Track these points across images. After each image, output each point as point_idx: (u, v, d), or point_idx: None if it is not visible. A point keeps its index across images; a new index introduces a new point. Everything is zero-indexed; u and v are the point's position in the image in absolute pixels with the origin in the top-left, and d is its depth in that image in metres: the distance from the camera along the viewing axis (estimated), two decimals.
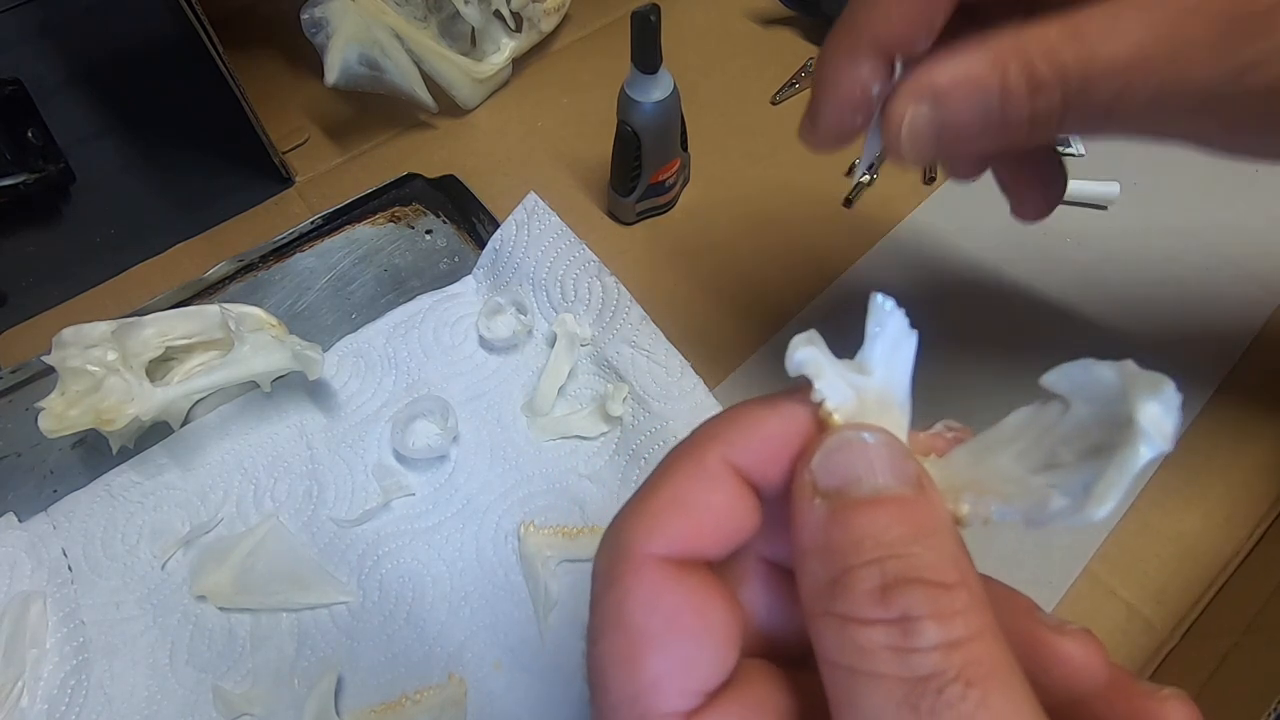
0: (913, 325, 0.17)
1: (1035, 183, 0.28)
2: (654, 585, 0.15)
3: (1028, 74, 0.20)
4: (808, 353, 0.17)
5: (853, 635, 0.14)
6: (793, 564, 0.16)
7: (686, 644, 0.15)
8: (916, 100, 0.21)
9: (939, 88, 0.21)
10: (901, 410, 0.17)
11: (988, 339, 0.39)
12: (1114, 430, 0.14)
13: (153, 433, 0.34)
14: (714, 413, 0.18)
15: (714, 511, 0.16)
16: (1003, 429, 0.17)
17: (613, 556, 0.16)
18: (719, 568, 0.17)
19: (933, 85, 0.21)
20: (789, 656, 0.17)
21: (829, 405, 0.16)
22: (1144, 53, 0.19)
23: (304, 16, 0.42)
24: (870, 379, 0.17)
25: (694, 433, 0.17)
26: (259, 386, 0.35)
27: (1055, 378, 0.16)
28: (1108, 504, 0.14)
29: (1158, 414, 0.14)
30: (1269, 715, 0.26)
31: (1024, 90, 0.20)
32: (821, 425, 0.17)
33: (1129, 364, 0.15)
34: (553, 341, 0.37)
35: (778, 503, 0.17)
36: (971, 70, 0.20)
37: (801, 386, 0.17)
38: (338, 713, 0.30)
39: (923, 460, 0.17)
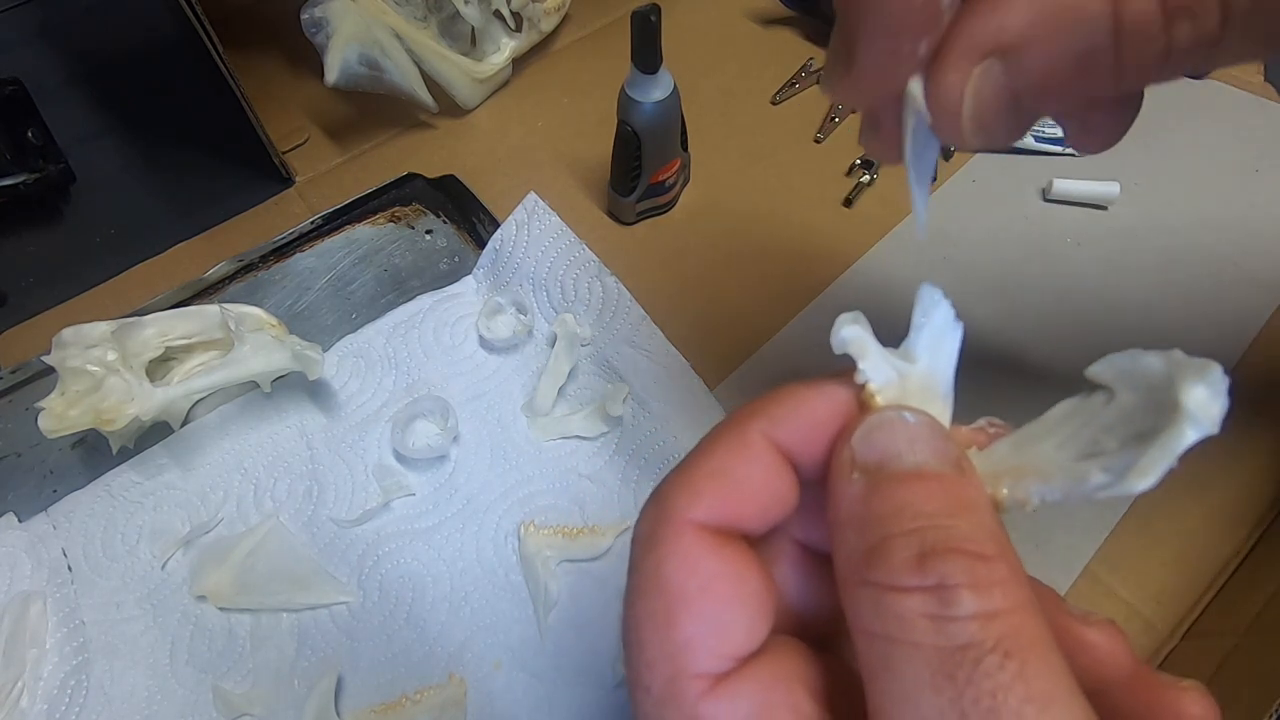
0: (958, 319, 0.17)
1: (1110, 102, 0.19)
2: (693, 550, 0.15)
3: None
4: (853, 331, 0.17)
5: (889, 603, 0.14)
6: (829, 539, 0.16)
7: (721, 608, 0.15)
8: (978, 60, 0.15)
9: (1012, 35, 0.14)
10: (945, 401, 0.17)
11: (987, 339, 0.39)
12: (1160, 416, 0.14)
13: (153, 433, 0.34)
14: (714, 413, 0.18)
15: (754, 484, 0.16)
16: (1045, 421, 0.17)
17: (655, 520, 0.16)
18: (754, 546, 0.17)
19: (1001, 32, 0.14)
20: (817, 639, 0.18)
21: (872, 386, 0.16)
22: None
23: (304, 16, 0.42)
24: (914, 367, 0.17)
25: (738, 410, 0.17)
26: (259, 386, 0.35)
27: (1101, 367, 0.16)
28: (1150, 478, 0.14)
29: (1204, 397, 0.14)
30: (1269, 715, 0.26)
31: (1156, 17, 0.14)
32: (863, 407, 0.17)
33: (1176, 352, 0.14)
34: (553, 341, 0.37)
35: (815, 485, 0.17)
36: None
37: (845, 371, 0.17)
38: (338, 713, 0.29)
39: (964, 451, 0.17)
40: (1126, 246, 0.43)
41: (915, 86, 0.16)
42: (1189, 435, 0.14)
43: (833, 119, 0.49)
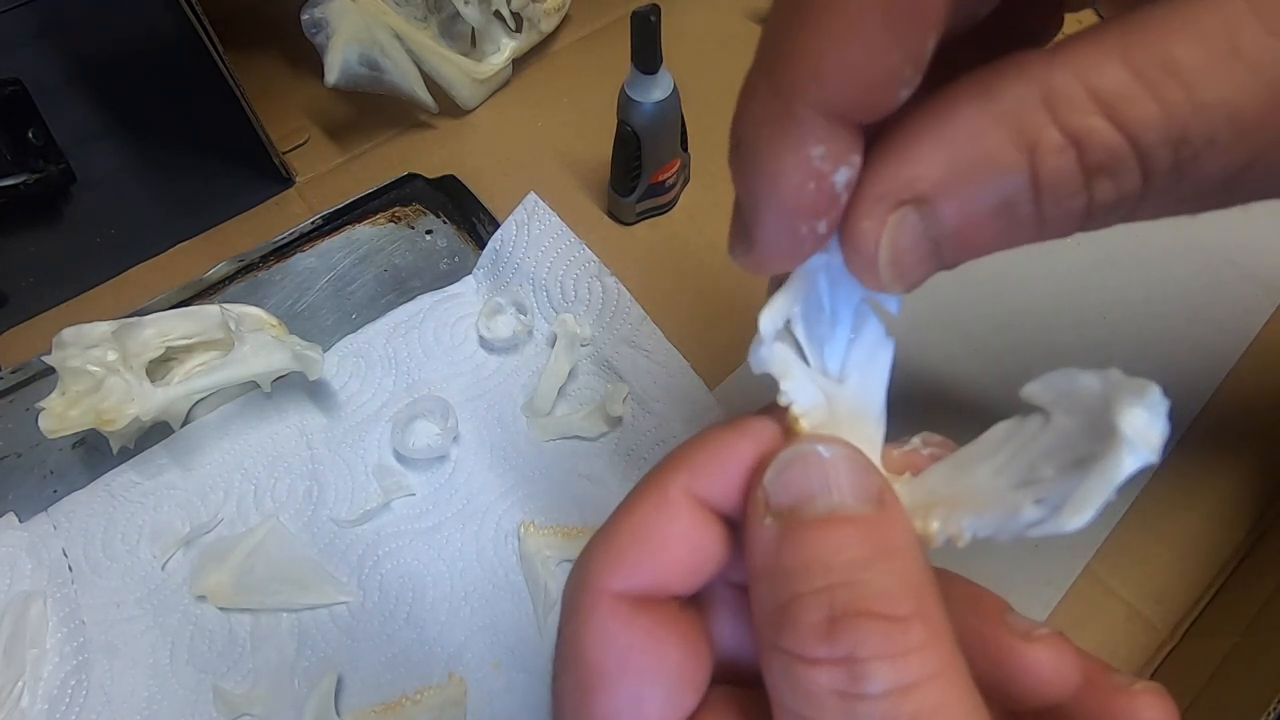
0: (889, 334, 0.16)
1: None
2: (609, 623, 0.15)
3: (1078, 144, 0.12)
4: (774, 350, 0.16)
5: (799, 677, 0.13)
6: (749, 588, 0.15)
7: (638, 684, 0.14)
8: (892, 209, 0.14)
9: (928, 184, 0.13)
10: (877, 422, 0.16)
11: (987, 339, 0.39)
12: (1097, 441, 0.13)
13: (153, 433, 0.34)
14: (714, 413, 0.18)
15: (675, 545, 0.15)
16: (982, 444, 0.16)
17: (573, 590, 0.15)
18: (692, 598, 0.16)
19: (916, 181, 0.13)
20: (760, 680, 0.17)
21: (796, 409, 0.16)
22: None
23: (304, 16, 0.42)
24: (844, 388, 0.16)
25: (659, 463, 0.16)
26: (259, 386, 0.35)
27: (1036, 388, 0.15)
28: (1085, 515, 0.13)
29: (1143, 422, 0.13)
30: (1269, 715, 0.26)
31: (1074, 173, 0.13)
32: (788, 434, 0.16)
33: (1114, 371, 0.13)
34: (553, 342, 0.37)
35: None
36: (978, 148, 0.13)
37: (773, 404, 0.16)
38: (338, 713, 0.30)
39: (895, 479, 0.16)
40: (1126, 246, 0.43)
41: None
42: (1126, 465, 0.13)
43: None
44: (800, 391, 0.16)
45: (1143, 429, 0.13)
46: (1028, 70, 0.12)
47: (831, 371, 0.16)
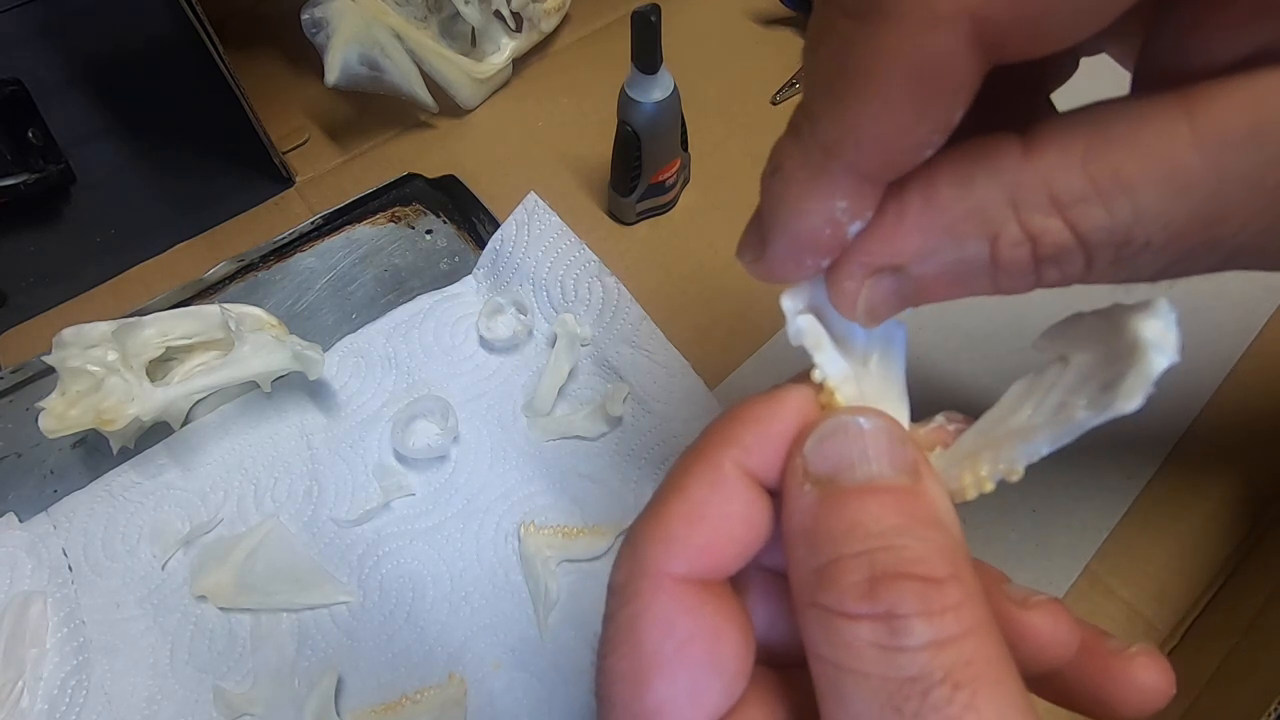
0: (899, 319, 0.17)
1: None
2: (670, 607, 0.15)
3: (1033, 240, 0.14)
4: (807, 321, 0.17)
5: (839, 629, 0.14)
6: (784, 551, 0.15)
7: (697, 673, 0.15)
8: (872, 274, 0.16)
9: (902, 257, 0.15)
10: (900, 402, 0.17)
11: (987, 338, 0.39)
12: (1120, 363, 0.14)
13: (153, 433, 0.34)
14: (714, 413, 0.18)
15: (733, 524, 0.16)
16: (1003, 405, 0.16)
17: (630, 571, 0.15)
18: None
19: (894, 254, 0.15)
20: (789, 658, 0.17)
21: (831, 382, 0.16)
22: (1219, 206, 0.14)
23: (304, 16, 0.42)
24: (866, 369, 0.17)
25: (705, 437, 0.17)
26: (259, 386, 0.35)
27: (1047, 338, 0.16)
28: (1136, 399, 0.14)
29: (1160, 327, 0.14)
30: (1269, 715, 0.26)
31: (1026, 262, 0.15)
32: (823, 406, 0.16)
33: (1116, 304, 0.15)
34: (553, 342, 0.37)
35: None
36: (951, 233, 0.15)
37: (802, 375, 0.17)
38: (338, 713, 0.30)
39: (927, 454, 0.17)
40: None
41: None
42: (1159, 362, 0.14)
43: None
44: (832, 365, 0.16)
45: (1163, 332, 0.14)
46: (1001, 168, 0.14)
47: (857, 352, 0.17)
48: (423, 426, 0.36)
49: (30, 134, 0.45)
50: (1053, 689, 0.17)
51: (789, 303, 0.17)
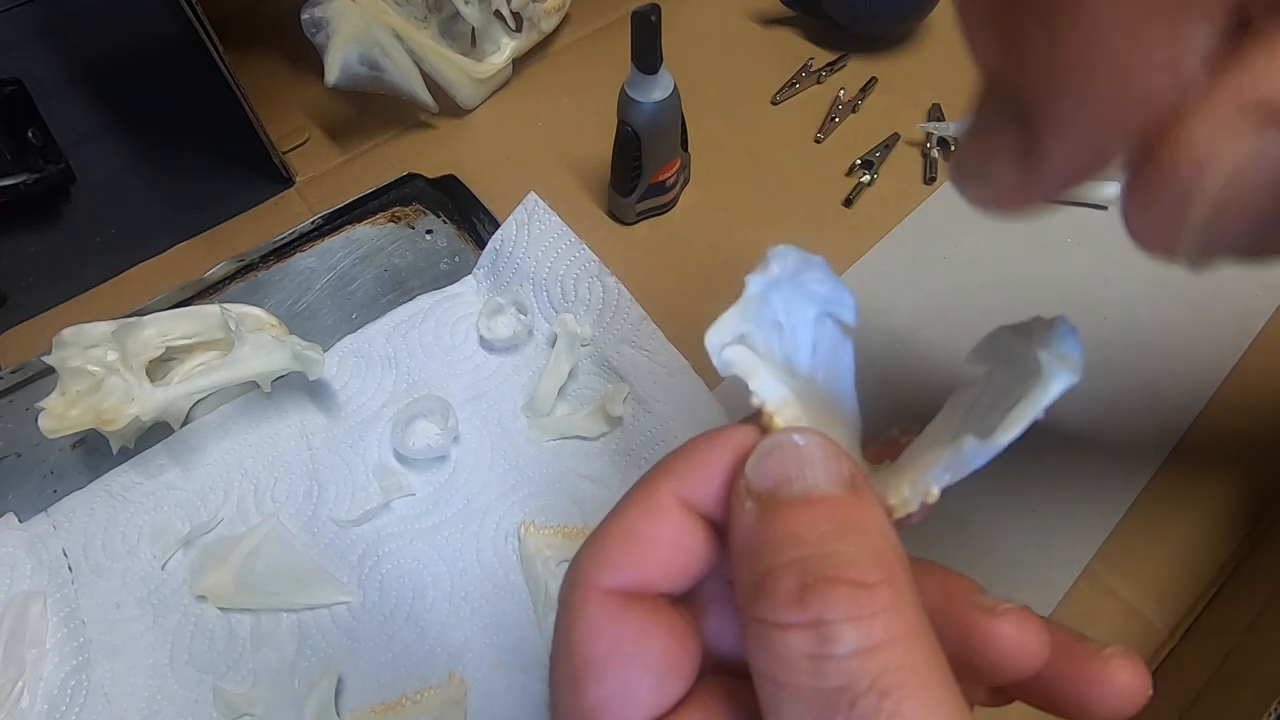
0: (845, 333, 0.17)
1: None
2: (598, 615, 0.16)
3: None
4: (735, 352, 0.17)
5: (773, 642, 0.14)
6: (732, 572, 0.16)
7: (627, 672, 0.15)
8: (1258, 123, 0.10)
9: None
10: (850, 415, 0.17)
11: None
12: (1028, 381, 0.15)
13: (153, 433, 0.34)
14: (714, 413, 0.18)
15: (661, 545, 0.16)
16: (941, 417, 0.17)
17: (567, 586, 0.16)
18: (685, 597, 0.17)
19: (1271, 94, 0.10)
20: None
21: (769, 406, 0.16)
22: None
23: (304, 16, 0.42)
24: (813, 386, 0.17)
25: (652, 468, 0.17)
26: (259, 386, 0.35)
27: (974, 353, 0.16)
28: (1012, 431, 0.14)
29: (1058, 350, 0.14)
30: (1269, 715, 0.26)
31: None
32: (764, 430, 0.17)
33: (1034, 318, 0.15)
34: (553, 342, 0.37)
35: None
36: None
37: (754, 413, 0.17)
38: (338, 713, 0.30)
39: (877, 468, 0.17)
40: (1126, 246, 0.43)
41: None
42: (1051, 388, 0.14)
43: (833, 119, 0.49)
44: (768, 389, 0.17)
45: (1060, 355, 0.14)
46: None
47: (800, 373, 0.17)
48: (423, 426, 0.36)
49: (30, 134, 0.45)
50: (1033, 693, 0.17)
51: (714, 338, 0.17)
